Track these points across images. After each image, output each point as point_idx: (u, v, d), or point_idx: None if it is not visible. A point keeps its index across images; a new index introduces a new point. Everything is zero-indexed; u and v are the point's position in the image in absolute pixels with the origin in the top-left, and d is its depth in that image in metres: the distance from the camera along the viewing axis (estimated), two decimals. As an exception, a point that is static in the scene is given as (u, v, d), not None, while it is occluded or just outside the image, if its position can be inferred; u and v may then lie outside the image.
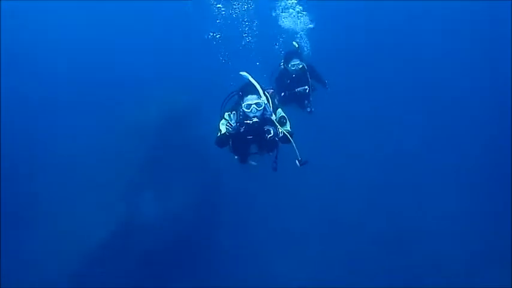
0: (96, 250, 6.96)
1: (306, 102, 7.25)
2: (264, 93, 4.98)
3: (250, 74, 5.11)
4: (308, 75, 6.93)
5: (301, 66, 6.80)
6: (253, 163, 5.76)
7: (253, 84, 5.00)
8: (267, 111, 4.92)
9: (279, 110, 5.30)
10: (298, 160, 4.94)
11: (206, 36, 7.53)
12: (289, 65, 6.86)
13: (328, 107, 7.81)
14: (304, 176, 8.33)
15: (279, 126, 4.97)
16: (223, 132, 5.01)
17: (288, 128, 5.16)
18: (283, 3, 8.68)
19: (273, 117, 4.98)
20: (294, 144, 4.92)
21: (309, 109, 7.29)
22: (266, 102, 4.94)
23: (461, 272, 7.87)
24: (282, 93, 7.14)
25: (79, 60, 11.39)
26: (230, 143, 5.15)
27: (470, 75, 12.32)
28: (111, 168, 7.92)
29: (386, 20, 13.24)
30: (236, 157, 5.48)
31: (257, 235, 8.12)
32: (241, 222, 8.23)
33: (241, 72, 5.20)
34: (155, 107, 8.45)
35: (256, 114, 4.85)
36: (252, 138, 5.03)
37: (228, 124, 4.83)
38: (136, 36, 12.37)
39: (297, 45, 7.18)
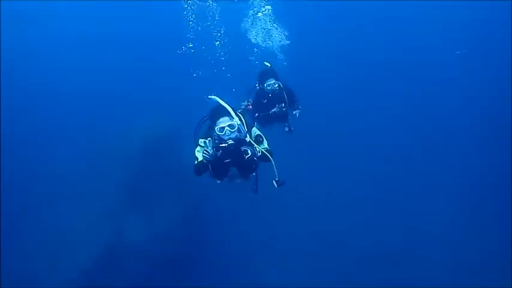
0: (82, 274, 7.14)
1: (285, 121, 7.25)
2: (235, 113, 4.84)
3: (219, 97, 5.00)
4: (284, 94, 6.91)
5: (276, 85, 6.74)
6: (237, 180, 5.63)
7: (224, 106, 4.84)
8: (241, 132, 4.80)
9: (254, 128, 5.19)
10: (275, 181, 4.87)
11: (179, 51, 7.62)
12: (265, 85, 6.79)
13: (315, 115, 7.93)
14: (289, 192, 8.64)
15: (256, 146, 4.85)
16: (200, 160, 4.86)
17: (266, 146, 5.05)
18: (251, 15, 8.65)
19: (248, 138, 4.84)
20: (273, 163, 4.83)
21: (287, 128, 7.29)
22: (239, 122, 4.80)
23: (461, 272, 7.73)
24: (256, 114, 7.11)
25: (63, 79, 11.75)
26: (210, 168, 4.96)
27: (470, 76, 12.19)
28: (96, 191, 8.18)
29: (386, 20, 13.32)
30: (218, 181, 5.30)
31: (245, 248, 8.20)
32: (227, 237, 8.34)
33: (210, 96, 5.11)
34: (138, 131, 8.78)
35: (231, 136, 4.71)
36: (230, 161, 4.87)
37: (204, 151, 4.66)
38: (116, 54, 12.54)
39: (269, 65, 7.11)
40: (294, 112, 7.38)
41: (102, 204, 7.99)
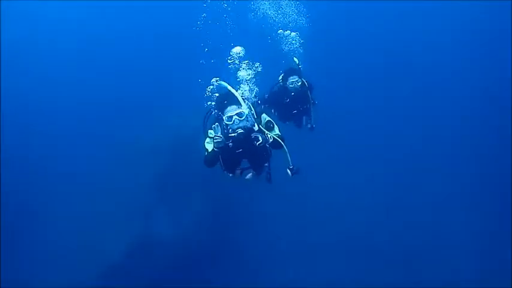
0: (112, 266, 7.29)
1: (306, 118, 7.01)
2: (244, 100, 4.59)
3: (227, 83, 4.79)
4: (309, 93, 6.64)
5: (300, 83, 6.46)
6: (248, 177, 5.26)
7: (232, 93, 4.60)
8: (250, 121, 4.56)
9: (264, 115, 4.95)
10: (289, 169, 4.72)
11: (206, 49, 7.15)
12: (288, 82, 6.49)
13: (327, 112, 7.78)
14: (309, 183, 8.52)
15: (267, 132, 4.66)
16: (210, 150, 4.65)
17: (277, 132, 4.84)
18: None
19: (256, 127, 4.61)
20: (286, 149, 4.68)
21: (309, 125, 7.02)
22: (248, 110, 4.56)
23: (461, 272, 8.07)
24: (276, 112, 6.84)
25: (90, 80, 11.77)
26: (220, 160, 4.75)
27: (470, 76, 12.40)
28: (127, 188, 8.25)
29: (385, 20, 13.32)
30: (230, 175, 5.02)
31: (269, 246, 8.35)
32: (251, 237, 8.45)
33: (218, 81, 4.94)
34: (166, 131, 8.83)
35: (240, 125, 4.47)
36: (241, 151, 4.63)
37: (216, 136, 4.41)
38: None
39: (297, 61, 6.73)
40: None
41: (131, 202, 8.06)
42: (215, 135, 4.40)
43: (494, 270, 7.96)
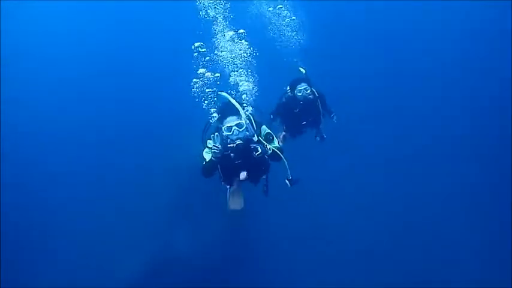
0: (129, 284, 7.31)
1: (316, 130, 6.91)
2: (244, 111, 4.62)
3: (229, 94, 4.83)
4: (319, 103, 6.49)
5: (309, 90, 6.28)
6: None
7: (232, 104, 4.61)
8: (250, 131, 4.59)
9: (264, 126, 4.97)
10: (288, 179, 4.75)
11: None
12: (296, 91, 6.29)
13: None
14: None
15: (266, 144, 4.66)
16: (208, 159, 4.65)
17: (277, 144, 4.83)
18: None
19: (256, 137, 4.64)
20: (285, 161, 4.67)
21: (318, 138, 6.93)
22: (247, 121, 4.59)
23: (461, 272, 8.03)
24: (284, 127, 6.76)
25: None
26: (219, 170, 4.77)
27: (469, 77, 12.37)
28: (145, 206, 8.48)
29: (384, 21, 13.25)
30: (228, 187, 5.09)
31: (290, 262, 8.29)
32: (269, 249, 8.47)
33: (219, 92, 4.97)
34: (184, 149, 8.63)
35: (239, 136, 4.51)
36: (240, 162, 4.64)
37: (214, 146, 4.41)
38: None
39: (304, 71, 6.61)
40: (332, 115, 7.01)
41: (149, 219, 8.22)
42: (213, 145, 4.40)
43: (494, 270, 7.94)
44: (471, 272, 8.01)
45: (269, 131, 4.92)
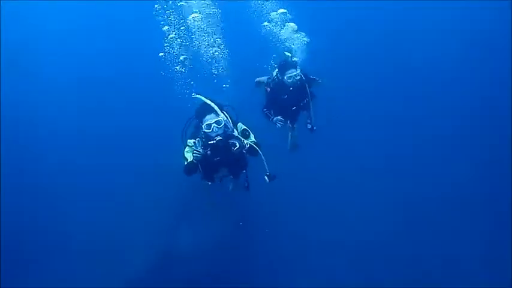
0: (131, 281, 7.31)
1: (306, 117, 6.74)
2: (221, 110, 4.87)
3: (202, 95, 5.02)
4: (307, 87, 6.33)
5: (298, 77, 6.14)
6: (231, 188, 5.81)
7: (209, 104, 4.86)
8: (228, 128, 4.88)
9: (240, 124, 5.21)
10: (266, 175, 4.86)
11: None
12: (285, 77, 6.13)
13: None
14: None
15: (243, 139, 4.89)
16: (190, 160, 4.92)
17: (253, 139, 5.08)
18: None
19: (235, 133, 4.91)
20: (262, 156, 4.86)
21: (309, 125, 6.76)
22: (225, 118, 4.86)
23: (461, 272, 8.01)
24: (270, 111, 6.52)
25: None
26: (200, 168, 4.99)
27: (469, 77, 12.41)
28: (144, 206, 8.55)
29: (384, 21, 13.31)
30: (209, 183, 5.33)
31: (292, 263, 8.25)
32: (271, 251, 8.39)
33: (194, 95, 5.13)
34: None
35: (218, 132, 4.76)
36: (219, 159, 4.91)
37: (195, 151, 4.69)
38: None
39: (289, 54, 6.49)
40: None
41: (152, 217, 8.27)
42: (195, 150, 4.69)
43: (494, 270, 7.92)
44: (471, 272, 7.99)
45: (245, 127, 5.16)
